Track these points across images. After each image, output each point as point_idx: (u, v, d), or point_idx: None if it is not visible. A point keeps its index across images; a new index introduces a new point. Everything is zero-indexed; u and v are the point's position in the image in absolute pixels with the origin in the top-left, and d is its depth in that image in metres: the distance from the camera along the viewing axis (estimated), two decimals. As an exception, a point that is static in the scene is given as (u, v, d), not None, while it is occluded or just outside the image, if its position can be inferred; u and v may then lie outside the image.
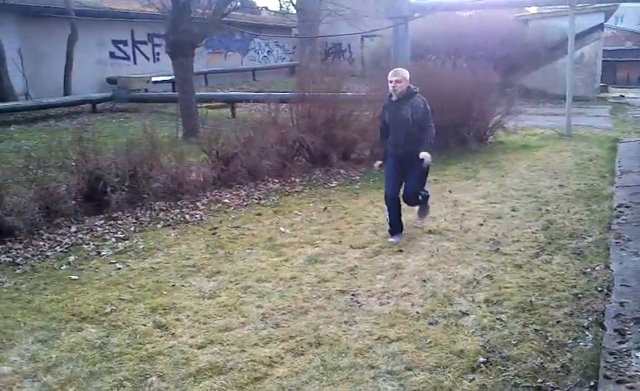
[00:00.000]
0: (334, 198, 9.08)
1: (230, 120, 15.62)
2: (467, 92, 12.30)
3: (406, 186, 7.10)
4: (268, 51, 34.75)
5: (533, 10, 27.79)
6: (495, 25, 23.98)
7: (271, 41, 34.57)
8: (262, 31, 31.58)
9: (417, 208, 7.50)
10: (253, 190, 9.52)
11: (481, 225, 7.40)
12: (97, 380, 4.20)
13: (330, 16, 28.48)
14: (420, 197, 7.28)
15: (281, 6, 35.51)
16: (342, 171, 10.85)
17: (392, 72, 7.05)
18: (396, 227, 7.09)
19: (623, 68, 37.91)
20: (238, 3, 23.60)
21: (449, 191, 9.17)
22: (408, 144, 6.91)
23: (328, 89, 11.29)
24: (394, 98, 6.97)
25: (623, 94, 26.54)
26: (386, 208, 7.14)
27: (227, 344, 4.61)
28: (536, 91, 23.03)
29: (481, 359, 4.22)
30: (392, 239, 6.98)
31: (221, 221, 7.99)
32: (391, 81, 6.94)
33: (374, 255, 6.52)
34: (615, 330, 4.44)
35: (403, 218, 7.19)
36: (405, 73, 7.03)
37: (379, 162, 7.44)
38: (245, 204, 8.85)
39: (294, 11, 32.30)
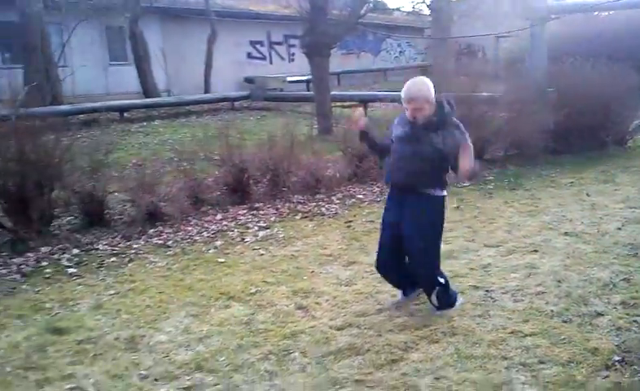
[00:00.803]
0: (466, 197, 9.15)
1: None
2: (606, 94, 11.95)
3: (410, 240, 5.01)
4: (400, 52, 34.96)
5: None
6: (635, 25, 22.96)
7: (403, 42, 34.75)
8: (394, 32, 31.80)
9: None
10: (386, 187, 9.72)
11: (619, 229, 7.26)
12: (244, 352, 4.56)
13: (464, 17, 28.29)
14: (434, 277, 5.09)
15: (414, 7, 35.58)
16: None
17: (406, 89, 4.95)
18: (402, 286, 5.41)
19: None
20: (372, 5, 23.93)
21: (587, 195, 9.00)
22: (412, 177, 4.95)
23: (462, 89, 11.35)
24: (414, 122, 4.98)
25: None
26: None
27: (364, 328, 4.86)
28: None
29: (616, 358, 4.23)
30: (401, 301, 5.36)
31: (355, 215, 8.28)
32: (407, 106, 4.96)
33: (508, 254, 6.57)
34: None
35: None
36: (427, 92, 4.94)
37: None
38: (378, 200, 9.09)
39: (427, 12, 32.29)
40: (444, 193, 5.05)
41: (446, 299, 5.11)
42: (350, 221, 8.00)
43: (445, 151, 4.84)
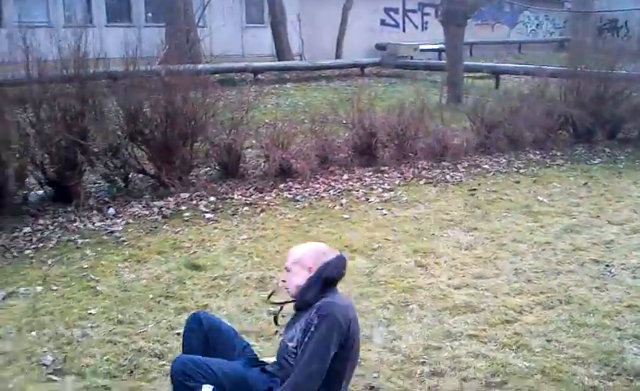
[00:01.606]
0: (595, 175, 9.02)
1: (494, 91, 15.77)
2: None
3: None
4: (537, 25, 33.87)
5: None
6: None
7: (541, 15, 33.61)
8: (533, 3, 30.83)
9: None
10: (513, 159, 9.76)
11: None
12: (365, 300, 4.88)
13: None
14: None
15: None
16: (606, 149, 10.65)
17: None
18: None
19: None
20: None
21: None
22: None
23: (601, 65, 11.09)
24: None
25: None
26: None
27: (481, 290, 5.06)
28: None
29: None
30: None
31: (479, 184, 8.39)
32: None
33: (633, 233, 6.52)
34: None
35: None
36: (302, 254, 3.17)
37: None
38: (504, 171, 9.15)
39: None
40: None
41: None
42: (474, 190, 8.12)
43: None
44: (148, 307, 4.74)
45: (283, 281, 3.21)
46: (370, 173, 8.67)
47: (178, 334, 4.20)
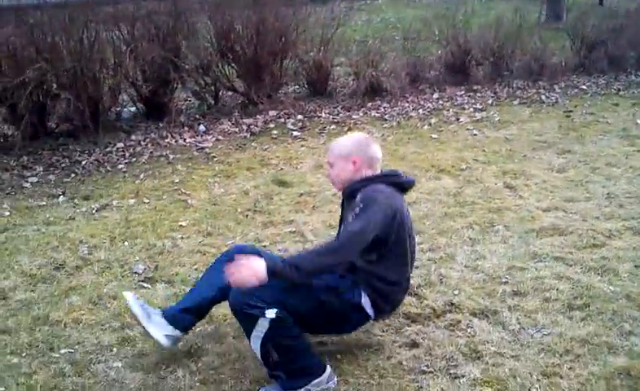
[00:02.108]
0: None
1: (597, 8, 14.99)
2: None
3: None
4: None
5: None
6: None
7: None
8: None
9: None
10: (613, 80, 9.33)
11: None
12: (450, 219, 4.84)
13: None
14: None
15: None
16: None
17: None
18: None
19: None
20: None
21: None
22: None
23: None
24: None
25: None
26: None
27: (570, 213, 4.93)
28: None
29: None
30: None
31: (576, 106, 8.09)
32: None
33: None
34: None
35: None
36: (340, 147, 3.24)
37: None
38: (603, 93, 8.77)
39: None
40: None
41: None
42: (570, 111, 7.84)
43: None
44: (236, 220, 4.89)
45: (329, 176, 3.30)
46: (462, 92, 8.51)
47: (265, 247, 4.33)
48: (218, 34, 7.79)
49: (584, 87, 8.95)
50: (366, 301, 3.02)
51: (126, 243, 4.51)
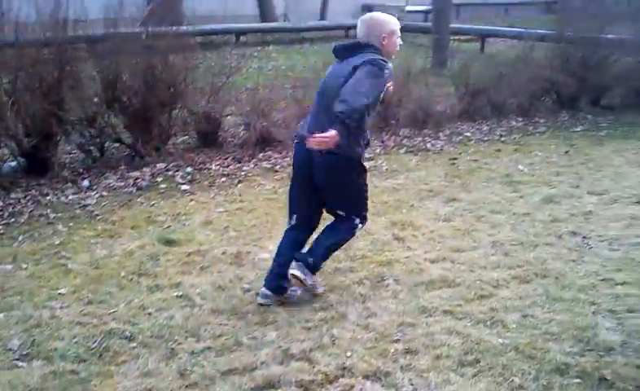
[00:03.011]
0: (577, 143, 9.00)
1: (479, 55, 15.66)
2: None
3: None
4: (524, -16, 33.51)
5: None
6: None
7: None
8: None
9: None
10: (495, 126, 9.72)
11: None
12: (341, 275, 4.83)
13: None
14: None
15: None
16: (589, 116, 10.61)
17: (395, 19, 4.43)
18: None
19: None
20: None
21: None
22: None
23: (589, 29, 10.96)
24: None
25: None
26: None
27: (458, 263, 5.02)
28: None
29: None
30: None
31: (460, 153, 8.34)
32: (399, 35, 4.41)
33: (612, 203, 6.50)
34: None
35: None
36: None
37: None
38: (486, 139, 9.10)
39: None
40: None
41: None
42: (455, 159, 8.07)
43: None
44: (120, 285, 4.67)
45: None
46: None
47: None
48: (104, 84, 7.54)
49: (468, 134, 9.25)
50: None
51: (1, 315, 4.22)
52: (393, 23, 4.35)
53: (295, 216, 4.48)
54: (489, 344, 3.82)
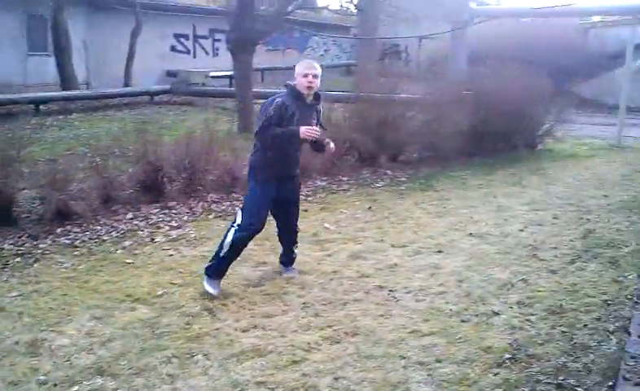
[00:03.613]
0: (379, 198, 9.34)
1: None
2: (520, 99, 12.38)
3: (292, 223, 6.11)
4: (325, 50, 35.10)
5: (596, 18, 27.59)
6: (554, 33, 23.84)
7: (329, 40, 34.89)
8: (322, 30, 31.95)
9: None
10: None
11: (522, 230, 7.57)
12: (147, 355, 4.53)
13: (389, 18, 28.62)
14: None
15: (341, 6, 35.61)
16: (389, 172, 11.10)
17: (307, 63, 5.58)
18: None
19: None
20: (301, 2, 23.94)
21: (494, 196, 9.34)
22: (296, 163, 5.90)
23: (382, 90, 11.54)
24: (307, 99, 5.60)
25: None
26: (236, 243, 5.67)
27: (269, 330, 4.92)
28: (593, 101, 22.90)
29: (507, 356, 4.43)
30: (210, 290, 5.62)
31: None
32: (306, 75, 5.49)
33: (415, 254, 6.75)
34: (640, 336, 4.60)
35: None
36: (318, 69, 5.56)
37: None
38: (295, 199, 9.17)
39: (354, 11, 32.45)
40: None
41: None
42: (263, 221, 8.03)
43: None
44: None
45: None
46: (157, 210, 8.29)
47: None
48: None
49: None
50: None
51: None
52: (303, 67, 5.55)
53: None
54: (303, 413, 3.73)
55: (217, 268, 5.66)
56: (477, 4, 27.20)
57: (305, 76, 5.47)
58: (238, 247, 5.68)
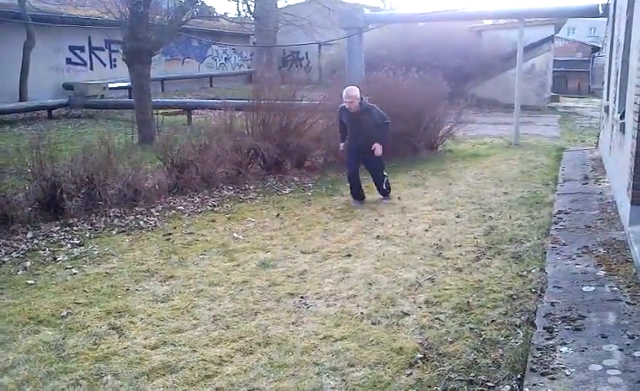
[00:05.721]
0: (287, 205, 9.34)
1: (186, 127, 15.78)
2: (419, 102, 12.67)
3: (371, 164, 9.51)
4: (225, 59, 34.94)
5: (488, 21, 28.54)
6: (449, 36, 24.52)
7: (229, 49, 34.76)
8: (220, 38, 31.79)
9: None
10: (208, 197, 9.70)
11: (426, 230, 7.73)
12: (53, 379, 4.35)
13: (287, 25, 28.76)
14: (384, 176, 9.58)
15: (239, 14, 35.56)
16: (295, 178, 11.11)
17: (344, 93, 9.20)
18: (357, 197, 9.44)
19: (574, 78, 39.18)
20: (196, 11, 23.69)
21: (398, 198, 9.52)
22: (367, 139, 9.23)
23: (283, 97, 11.54)
24: (351, 110, 9.17)
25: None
26: (349, 184, 9.49)
27: (179, 345, 4.82)
28: (489, 101, 23.75)
29: (419, 356, 4.51)
30: (353, 203, 9.34)
31: (175, 228, 8.16)
32: (346, 102, 9.17)
33: (324, 260, 6.78)
34: (545, 328, 4.76)
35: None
36: (355, 92, 9.16)
37: (342, 144, 9.82)
38: (199, 210, 9.03)
39: (251, 19, 32.46)
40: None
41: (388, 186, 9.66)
42: (169, 234, 7.86)
43: (377, 122, 9.21)
44: None
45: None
46: (58, 228, 7.97)
47: None
48: None
49: (181, 208, 9.10)
50: None
51: None
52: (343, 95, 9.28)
53: None
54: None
55: (389, 186, 9.70)
56: (371, 10, 27.72)
57: (345, 100, 9.18)
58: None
